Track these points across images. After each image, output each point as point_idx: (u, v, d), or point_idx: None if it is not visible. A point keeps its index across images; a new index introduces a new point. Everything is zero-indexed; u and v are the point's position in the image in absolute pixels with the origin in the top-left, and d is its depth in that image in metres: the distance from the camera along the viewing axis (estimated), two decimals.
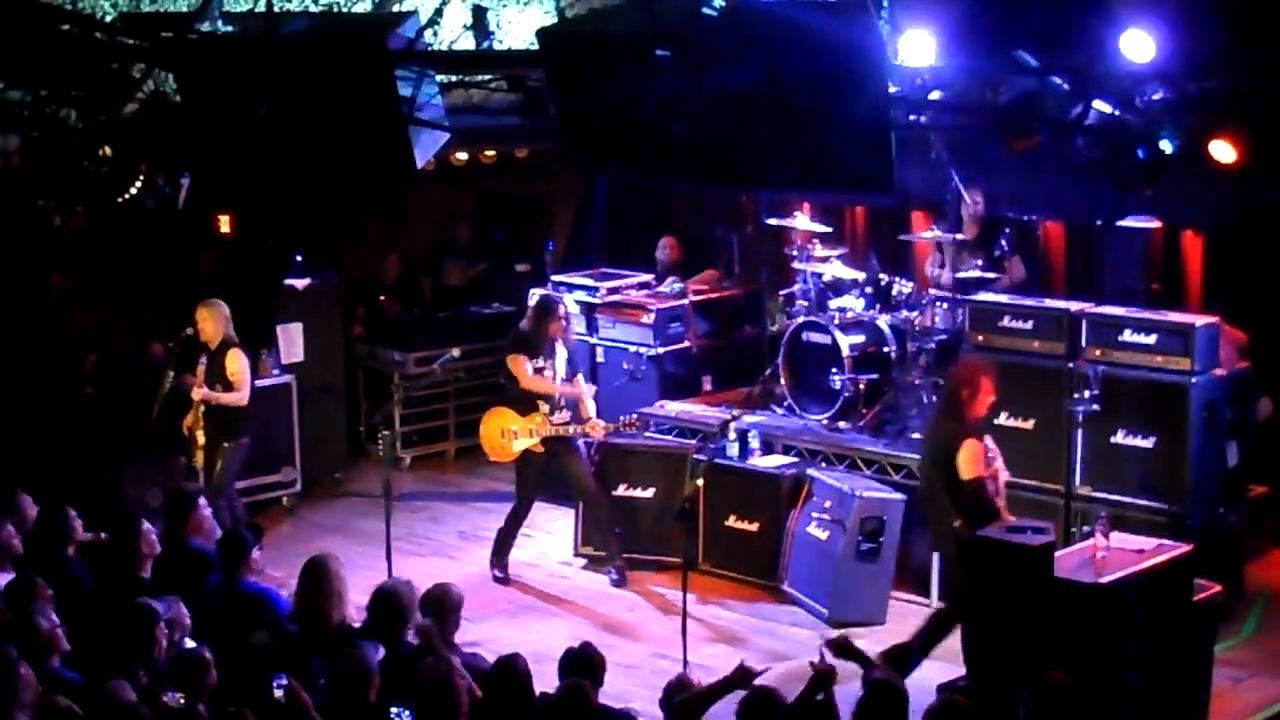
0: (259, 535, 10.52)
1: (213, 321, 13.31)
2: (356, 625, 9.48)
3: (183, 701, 8.07)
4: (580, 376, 13.47)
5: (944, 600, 12.08)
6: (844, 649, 8.76)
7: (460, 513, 15.14)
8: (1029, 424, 12.41)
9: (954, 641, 10.62)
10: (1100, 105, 10.33)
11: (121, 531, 10.44)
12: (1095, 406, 12.01)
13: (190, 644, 9.03)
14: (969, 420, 10.99)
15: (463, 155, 14.37)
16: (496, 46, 12.33)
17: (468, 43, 12.02)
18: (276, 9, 10.96)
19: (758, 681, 8.25)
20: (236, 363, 13.32)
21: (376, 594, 9.39)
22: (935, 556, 12.61)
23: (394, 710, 8.30)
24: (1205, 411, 11.82)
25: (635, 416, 13.42)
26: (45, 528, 10.62)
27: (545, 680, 8.58)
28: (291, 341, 15.51)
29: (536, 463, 13.28)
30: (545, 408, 13.13)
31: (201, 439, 13.27)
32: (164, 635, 8.96)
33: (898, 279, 13.93)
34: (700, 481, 12.23)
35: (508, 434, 13.21)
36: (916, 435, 13.19)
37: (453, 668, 8.40)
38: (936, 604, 12.60)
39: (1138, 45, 9.81)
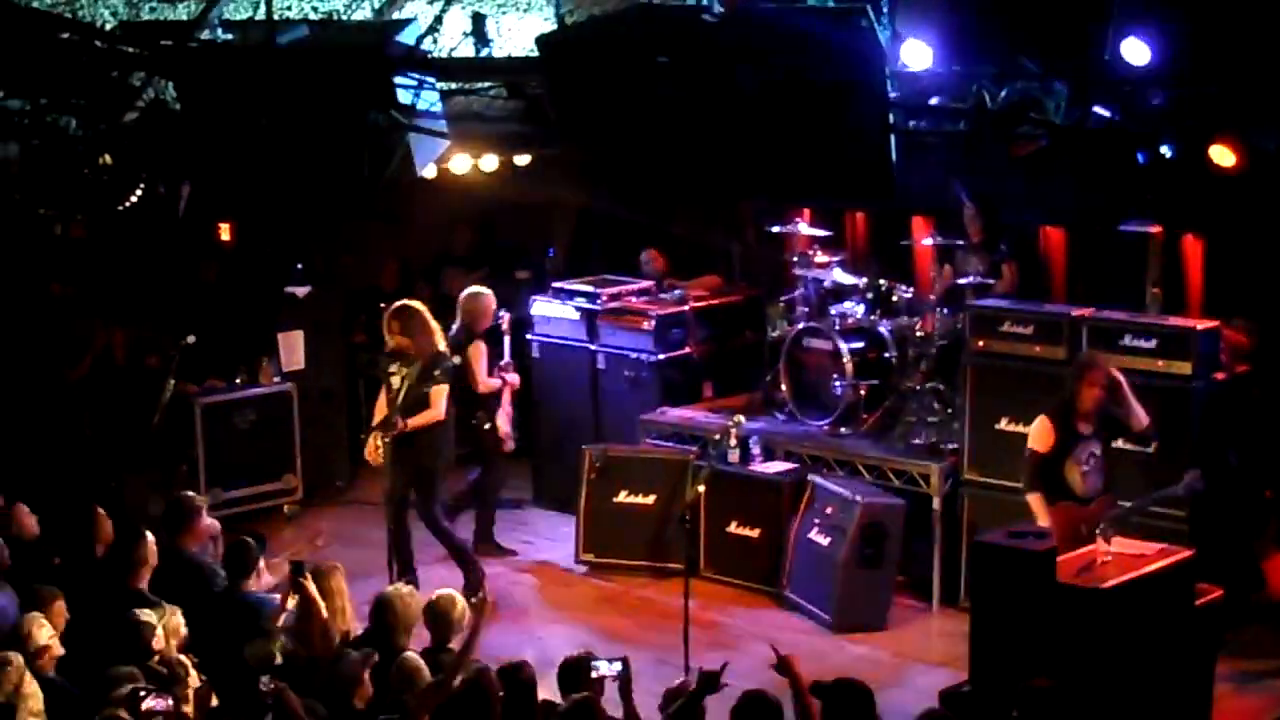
0: (262, 545, 10.50)
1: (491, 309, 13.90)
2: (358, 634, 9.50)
3: (170, 705, 8.06)
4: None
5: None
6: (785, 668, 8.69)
7: (462, 520, 15.12)
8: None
9: (958, 647, 10.62)
10: (1100, 110, 10.33)
11: (122, 541, 10.44)
12: None
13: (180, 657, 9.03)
14: None
15: (463, 162, 14.33)
16: (496, 53, 12.32)
17: (467, 50, 12.00)
18: (276, 17, 10.94)
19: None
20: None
21: (377, 602, 9.40)
22: (936, 562, 12.64)
23: None
24: (1206, 416, 11.81)
25: None
26: (75, 531, 10.71)
27: (547, 688, 8.58)
28: (292, 349, 15.50)
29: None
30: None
31: None
32: (158, 646, 8.97)
33: (898, 285, 13.92)
34: (702, 488, 12.22)
35: None
36: (917, 441, 13.20)
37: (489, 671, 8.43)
38: (938, 609, 12.64)
39: (1137, 50, 9.80)
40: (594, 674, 8.39)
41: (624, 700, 8.48)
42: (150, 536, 10.31)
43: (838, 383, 13.57)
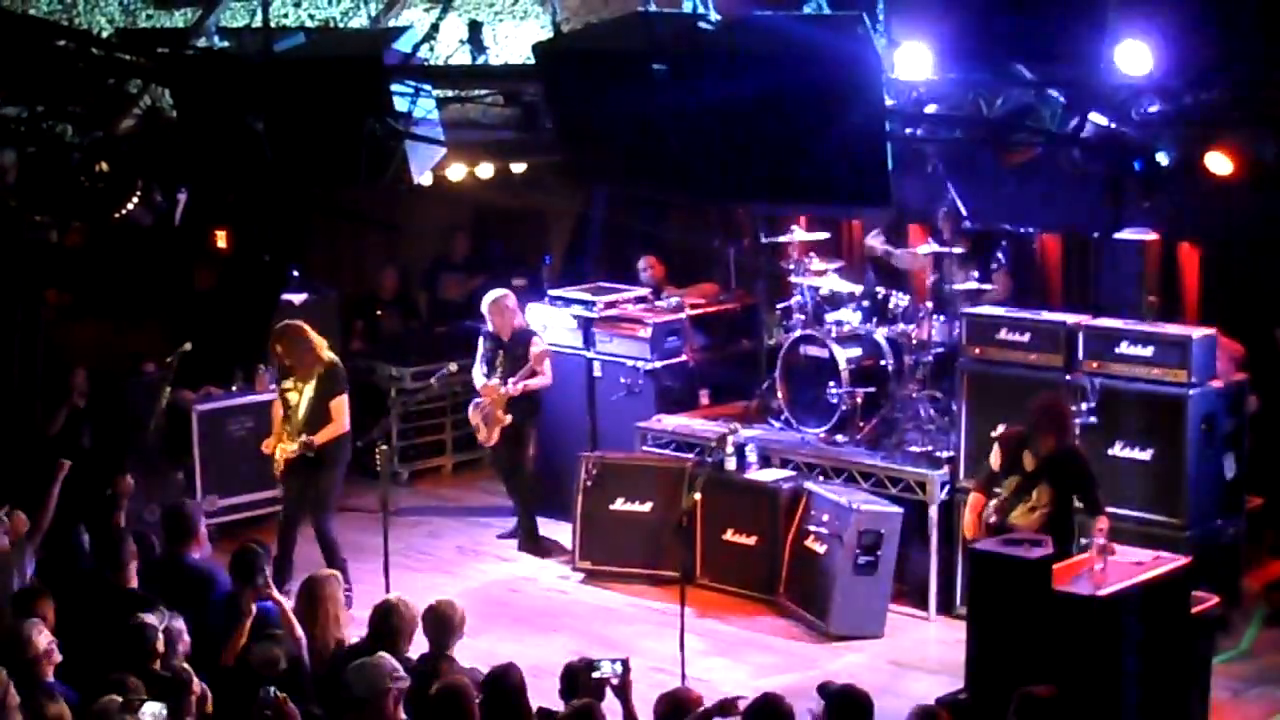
0: (265, 552, 10.49)
1: (500, 315, 14.28)
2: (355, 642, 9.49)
3: (165, 713, 8.04)
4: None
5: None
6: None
7: (458, 527, 15.14)
8: None
9: (954, 655, 10.62)
10: (1096, 118, 10.33)
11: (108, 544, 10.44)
12: (1093, 419, 12.01)
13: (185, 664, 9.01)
14: None
15: (459, 169, 14.34)
16: (493, 61, 12.31)
17: (464, 57, 12.00)
18: (273, 24, 10.94)
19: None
20: (540, 349, 14.22)
21: (376, 610, 9.39)
22: (932, 570, 12.64)
23: None
24: (1203, 423, 11.82)
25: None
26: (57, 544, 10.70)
27: (544, 695, 8.58)
28: None
29: None
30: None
31: (506, 418, 14.11)
32: (159, 650, 8.95)
33: (894, 292, 13.93)
34: (698, 495, 12.21)
35: None
36: (914, 448, 13.20)
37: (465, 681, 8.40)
38: (935, 616, 12.64)
39: (1134, 58, 9.80)
40: (596, 674, 8.38)
41: (623, 702, 8.47)
42: (130, 538, 10.35)
43: (834, 390, 13.57)
